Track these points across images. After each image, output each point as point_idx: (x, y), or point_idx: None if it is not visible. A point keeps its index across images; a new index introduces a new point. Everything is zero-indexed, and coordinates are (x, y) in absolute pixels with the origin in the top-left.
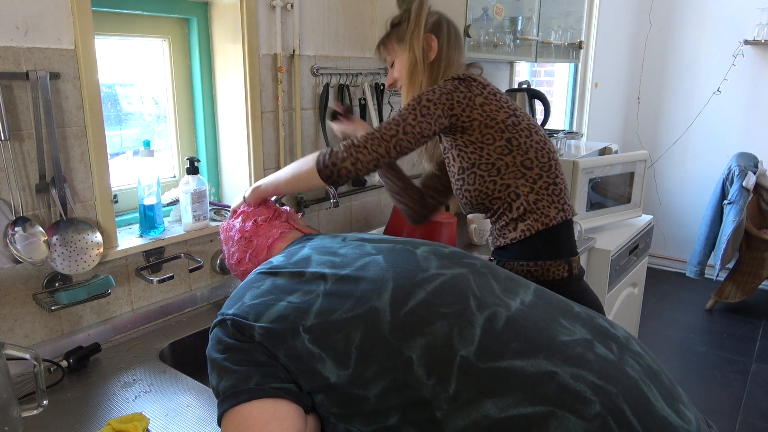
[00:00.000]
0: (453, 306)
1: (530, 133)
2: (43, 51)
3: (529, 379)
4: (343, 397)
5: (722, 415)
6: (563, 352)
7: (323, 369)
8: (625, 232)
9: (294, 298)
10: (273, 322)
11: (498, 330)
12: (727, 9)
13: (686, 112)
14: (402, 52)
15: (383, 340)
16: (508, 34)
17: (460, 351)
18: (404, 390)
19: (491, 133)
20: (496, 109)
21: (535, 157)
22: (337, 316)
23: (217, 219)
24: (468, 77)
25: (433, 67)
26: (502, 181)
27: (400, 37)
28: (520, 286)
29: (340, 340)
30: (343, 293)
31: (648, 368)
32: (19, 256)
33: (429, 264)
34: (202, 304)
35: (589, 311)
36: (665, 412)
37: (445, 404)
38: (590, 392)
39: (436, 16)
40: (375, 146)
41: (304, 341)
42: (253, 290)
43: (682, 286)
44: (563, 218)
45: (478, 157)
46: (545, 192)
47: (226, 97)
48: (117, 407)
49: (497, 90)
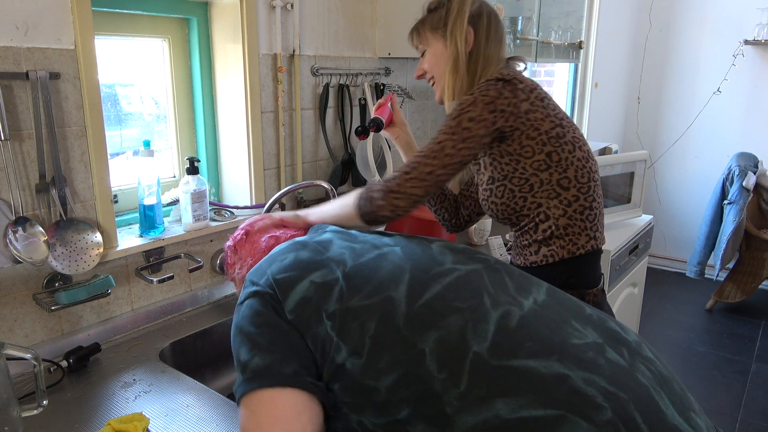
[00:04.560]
0: (468, 301)
1: (574, 147)
2: (43, 51)
3: (541, 380)
4: (355, 386)
5: (722, 415)
6: (575, 356)
7: (338, 356)
8: (625, 232)
9: (316, 277)
10: (298, 305)
11: (511, 328)
12: (727, 9)
13: (686, 112)
14: (435, 42)
15: (397, 331)
16: (508, 34)
17: (473, 347)
18: (415, 383)
19: (531, 145)
20: (542, 117)
21: (573, 177)
22: (355, 303)
23: (217, 219)
24: (513, 78)
25: (470, 62)
26: (533, 199)
27: (434, 25)
28: (532, 285)
29: (356, 328)
30: (362, 279)
31: (659, 375)
32: (19, 256)
33: (444, 258)
34: (202, 304)
35: (601, 314)
36: (676, 420)
37: (456, 400)
38: (602, 398)
39: (478, 4)
40: (412, 189)
41: (326, 328)
42: (277, 263)
43: (682, 286)
44: (593, 247)
45: (513, 170)
46: (579, 217)
47: (226, 97)
48: (117, 407)
49: (545, 94)
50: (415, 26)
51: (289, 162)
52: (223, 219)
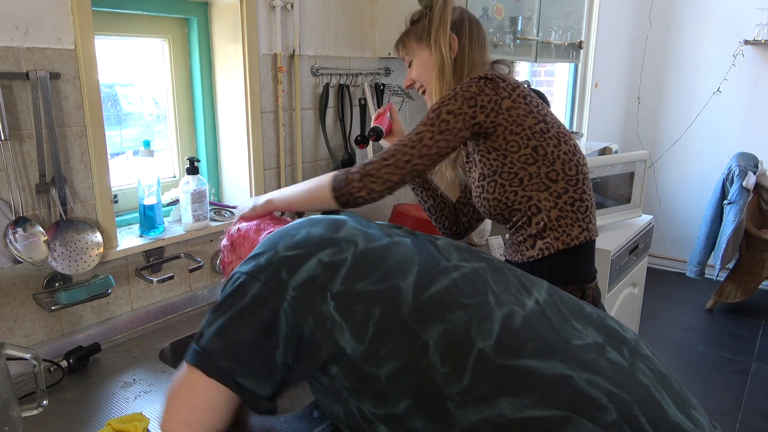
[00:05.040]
0: (473, 298)
1: (559, 142)
2: (43, 51)
3: (546, 381)
4: (355, 371)
5: (722, 415)
6: (578, 357)
7: (341, 338)
8: (625, 232)
9: (324, 256)
10: (304, 282)
11: (515, 328)
12: (727, 9)
13: (686, 112)
14: (420, 51)
15: (402, 320)
16: (508, 34)
17: (478, 343)
18: (417, 374)
19: (516, 140)
20: (525, 114)
21: (561, 169)
22: (361, 287)
23: (217, 219)
24: (495, 77)
25: (456, 68)
26: (523, 193)
27: (418, 35)
28: (533, 284)
29: (360, 312)
30: (371, 264)
31: (658, 373)
32: (19, 256)
33: (450, 255)
34: (202, 304)
35: (600, 312)
36: (678, 418)
37: (458, 395)
38: (606, 399)
39: (458, 12)
40: (389, 175)
41: (330, 307)
42: (287, 239)
43: (682, 286)
44: (586, 238)
45: (501, 165)
46: (570, 208)
47: (226, 97)
48: (117, 407)
49: (528, 92)
50: (401, 38)
51: (289, 162)
52: (223, 219)
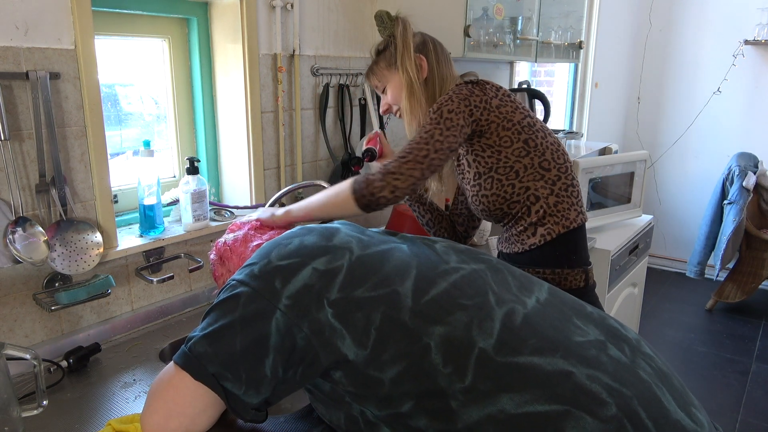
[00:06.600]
0: (473, 299)
1: (545, 134)
2: (43, 51)
3: (546, 377)
4: (359, 377)
5: (722, 415)
6: (579, 353)
7: (342, 345)
8: (625, 232)
9: (319, 264)
10: (299, 291)
11: (516, 326)
12: (727, 9)
13: (686, 112)
14: (393, 76)
15: (402, 325)
16: (508, 34)
17: (479, 343)
18: (420, 376)
19: (508, 135)
20: (512, 110)
21: (552, 158)
22: (360, 294)
23: (217, 219)
24: (480, 80)
25: (428, 86)
26: (521, 184)
27: (388, 62)
28: (534, 284)
29: (360, 319)
30: (368, 269)
31: (659, 371)
32: (19, 256)
33: (449, 257)
34: (202, 304)
35: (601, 312)
36: (678, 415)
37: (461, 395)
38: (606, 394)
39: (419, 36)
40: (410, 171)
41: (327, 315)
42: (280, 249)
43: (682, 286)
44: (582, 221)
45: (496, 161)
46: (565, 194)
47: (226, 97)
48: (117, 407)
49: (509, 92)
50: (370, 68)
51: (289, 162)
52: (223, 219)
